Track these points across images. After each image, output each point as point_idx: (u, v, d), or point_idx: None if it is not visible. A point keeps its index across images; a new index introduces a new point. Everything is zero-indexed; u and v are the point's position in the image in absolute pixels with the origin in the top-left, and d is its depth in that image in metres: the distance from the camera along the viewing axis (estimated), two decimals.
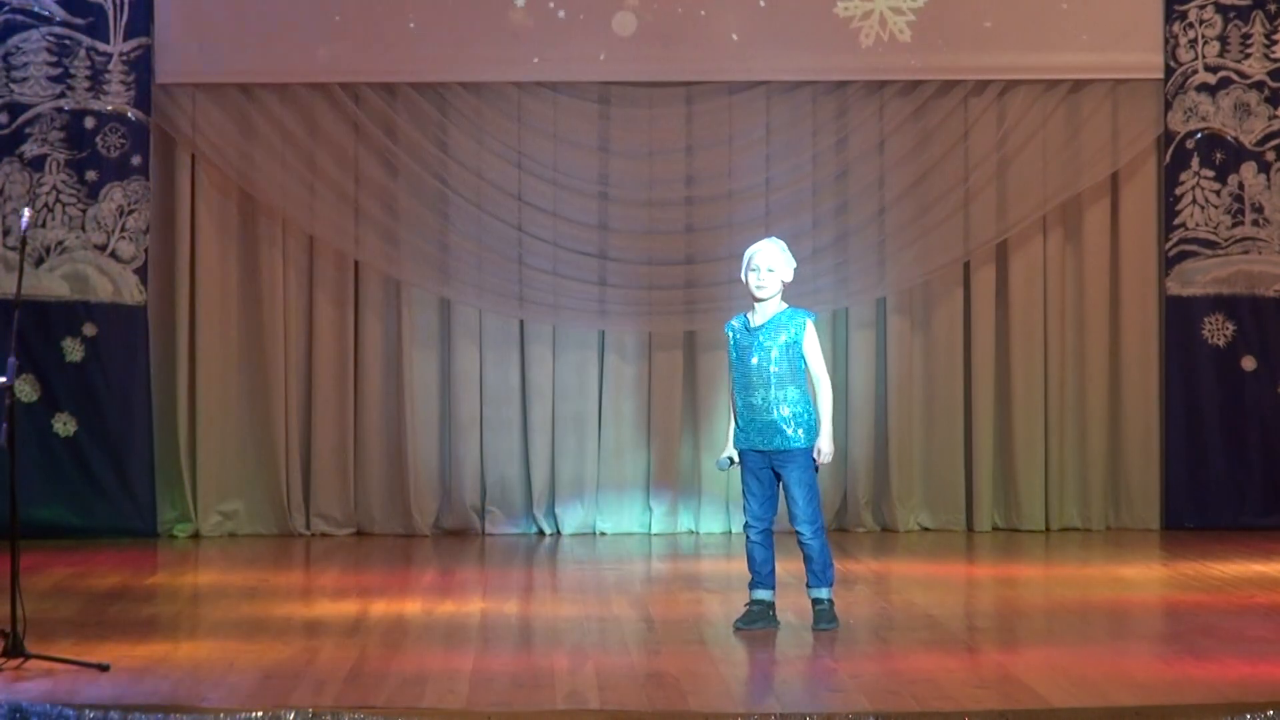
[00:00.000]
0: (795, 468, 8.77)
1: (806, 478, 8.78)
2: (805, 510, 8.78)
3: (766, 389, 8.73)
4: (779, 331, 8.76)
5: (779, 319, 8.78)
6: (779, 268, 8.75)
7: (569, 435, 12.99)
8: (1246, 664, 7.90)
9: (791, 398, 8.74)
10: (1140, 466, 13.03)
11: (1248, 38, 12.85)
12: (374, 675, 7.72)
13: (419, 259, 12.80)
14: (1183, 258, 12.87)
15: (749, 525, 8.87)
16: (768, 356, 8.73)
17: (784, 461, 8.77)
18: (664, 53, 12.69)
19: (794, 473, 8.77)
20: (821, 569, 8.83)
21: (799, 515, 8.78)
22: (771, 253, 8.76)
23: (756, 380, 8.75)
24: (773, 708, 7.12)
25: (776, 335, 8.75)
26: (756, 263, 8.75)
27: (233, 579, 10.94)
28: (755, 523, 8.84)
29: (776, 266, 8.75)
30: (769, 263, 8.74)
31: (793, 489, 8.77)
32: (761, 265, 8.74)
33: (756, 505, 8.83)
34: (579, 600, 10.05)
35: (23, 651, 7.84)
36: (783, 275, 8.77)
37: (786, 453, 8.76)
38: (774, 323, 8.77)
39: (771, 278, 8.74)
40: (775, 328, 8.76)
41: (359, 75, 12.71)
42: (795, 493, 8.77)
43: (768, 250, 8.77)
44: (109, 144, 12.50)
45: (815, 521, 8.80)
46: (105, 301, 12.51)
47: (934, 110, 12.92)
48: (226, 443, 12.80)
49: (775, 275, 8.75)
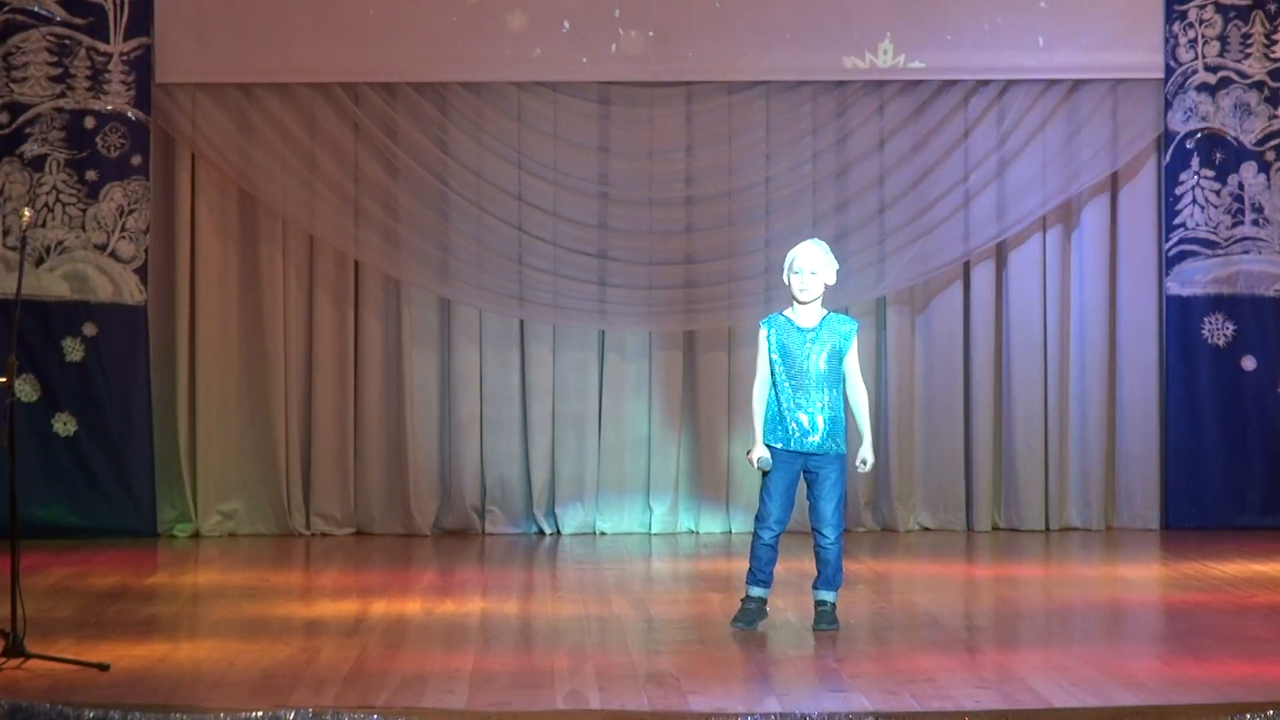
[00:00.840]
0: (830, 471, 8.77)
1: (840, 483, 8.81)
2: (834, 516, 8.78)
3: (812, 391, 8.73)
4: (828, 335, 8.76)
5: (827, 322, 8.78)
6: (822, 270, 8.74)
7: (569, 435, 12.99)
8: (1246, 664, 7.89)
9: (833, 402, 8.76)
10: (1140, 466, 13.03)
11: (1248, 38, 12.85)
12: (374, 675, 7.72)
13: (419, 259, 12.80)
14: (1183, 257, 12.87)
15: (766, 528, 8.80)
16: (817, 359, 8.74)
17: (819, 465, 8.77)
18: (664, 53, 12.69)
19: (829, 477, 8.77)
20: (834, 573, 8.84)
21: (826, 519, 8.78)
22: (815, 255, 8.74)
23: (805, 381, 8.74)
24: (773, 708, 7.11)
25: (825, 339, 8.75)
26: (799, 265, 8.73)
27: (233, 579, 10.94)
28: (775, 526, 8.80)
29: (820, 269, 8.73)
30: (812, 265, 8.72)
31: (826, 492, 8.76)
32: (805, 268, 8.72)
33: (779, 509, 8.80)
34: (579, 600, 10.05)
35: (23, 651, 7.84)
36: (826, 278, 8.75)
37: (823, 456, 8.77)
38: (823, 326, 8.77)
39: (815, 280, 8.72)
40: (823, 331, 8.76)
41: (359, 75, 12.70)
42: (828, 495, 8.76)
43: (811, 252, 8.75)
44: (109, 144, 12.51)
45: (839, 527, 8.82)
46: (105, 301, 12.51)
47: (934, 110, 12.92)
48: (226, 443, 12.80)
49: (818, 278, 8.73)
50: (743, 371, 12.94)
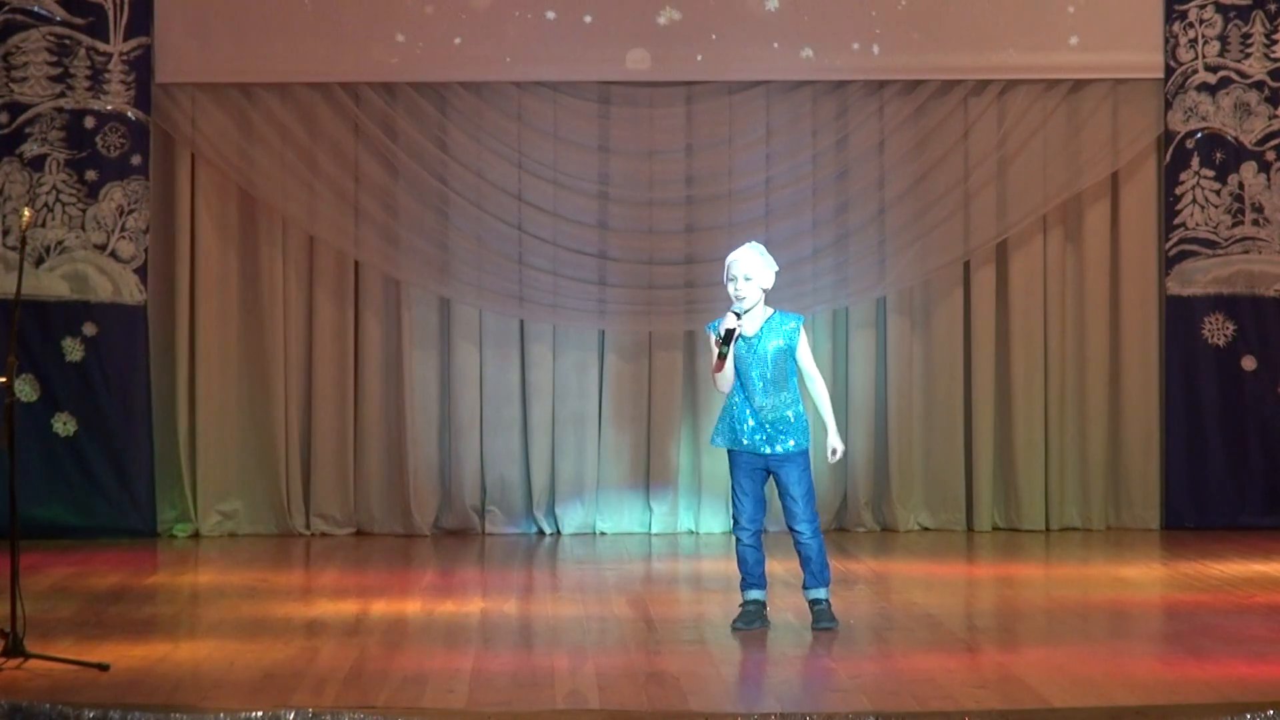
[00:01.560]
0: (793, 469, 8.76)
1: (804, 479, 8.78)
2: (804, 511, 8.77)
3: (764, 394, 8.72)
4: (772, 338, 8.73)
5: (770, 324, 8.74)
6: (757, 275, 8.65)
7: (569, 435, 12.99)
8: (1246, 664, 7.89)
9: (786, 401, 8.74)
10: (1140, 466, 13.03)
11: (1248, 37, 12.85)
12: (374, 675, 7.72)
13: (419, 259, 12.80)
14: (1183, 257, 12.87)
15: (741, 529, 8.82)
16: (763, 363, 8.71)
17: (780, 463, 8.76)
18: (664, 53, 12.69)
19: (792, 474, 8.76)
20: (819, 569, 8.83)
21: (798, 515, 8.77)
22: (750, 260, 8.65)
23: (755, 385, 8.73)
24: (772, 708, 7.11)
25: (769, 342, 8.73)
26: (734, 271, 8.66)
27: (232, 579, 10.93)
28: (749, 525, 8.82)
29: (754, 274, 8.65)
30: (746, 270, 8.63)
31: (792, 489, 8.76)
32: (739, 274, 8.64)
33: (750, 507, 8.81)
34: (579, 600, 10.05)
35: (23, 651, 7.84)
36: (762, 282, 8.67)
37: (783, 455, 8.76)
38: (765, 329, 8.73)
39: (750, 286, 8.64)
40: (767, 334, 8.73)
41: (359, 75, 12.70)
42: (794, 493, 8.76)
43: (745, 257, 8.66)
44: (109, 144, 12.51)
45: (813, 521, 8.80)
46: (105, 301, 12.51)
47: (934, 110, 12.92)
48: (226, 443, 12.80)
49: (754, 283, 8.65)
50: None
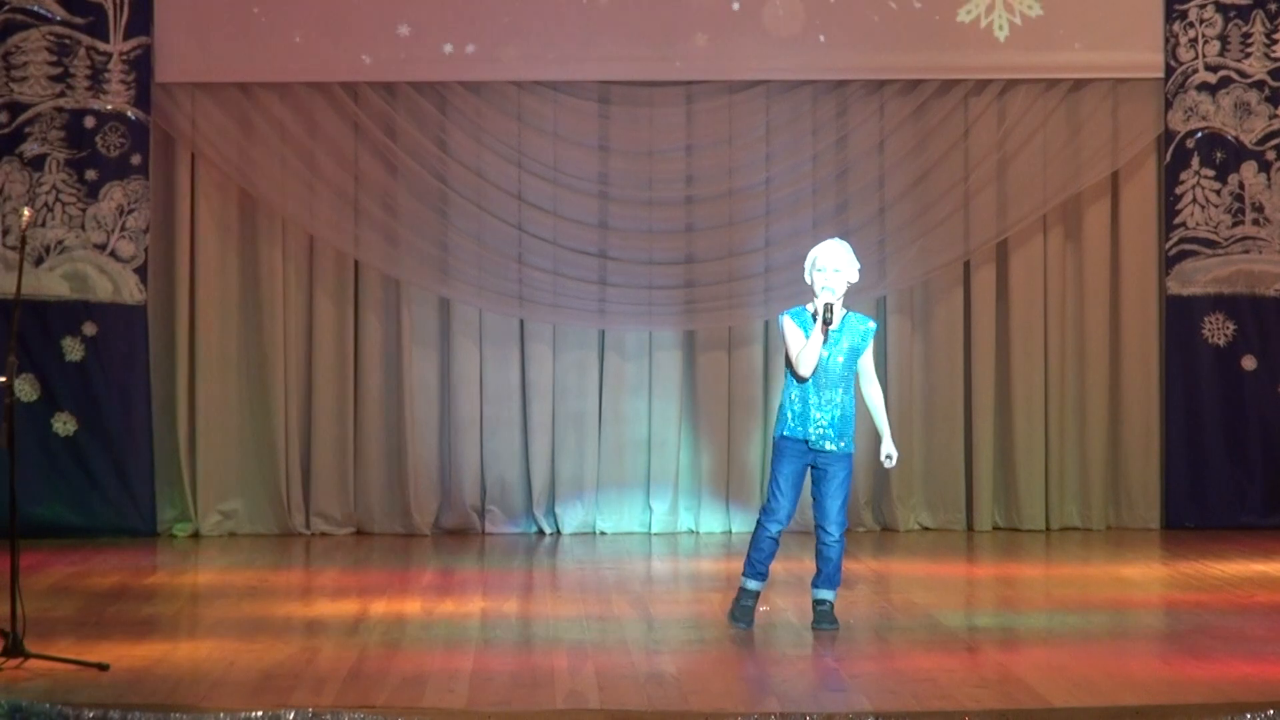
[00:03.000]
0: (840, 470, 8.80)
1: (848, 481, 8.85)
2: (839, 514, 8.81)
3: (833, 388, 8.76)
4: (848, 334, 8.79)
5: (847, 321, 8.81)
6: (845, 268, 8.75)
7: (569, 435, 12.99)
8: (1246, 664, 7.90)
9: (847, 400, 8.81)
10: (1140, 466, 13.03)
11: (1248, 37, 12.85)
12: (374, 675, 7.72)
13: (419, 259, 12.80)
14: (1183, 257, 12.87)
15: (775, 521, 8.80)
16: (836, 356, 8.76)
17: (829, 462, 8.79)
18: (664, 53, 12.69)
19: (837, 475, 8.80)
20: (834, 571, 8.86)
21: (831, 518, 8.79)
22: (838, 253, 8.76)
23: (827, 378, 8.75)
24: (773, 707, 7.11)
25: (845, 337, 8.79)
26: (823, 263, 8.75)
27: (232, 578, 10.93)
28: (783, 520, 8.82)
29: (843, 267, 8.75)
30: (835, 263, 8.74)
31: (833, 489, 8.78)
32: (828, 266, 8.73)
33: (788, 502, 8.81)
34: (579, 600, 10.05)
35: (23, 651, 7.84)
36: (849, 276, 8.77)
37: (833, 454, 8.79)
38: (844, 324, 8.80)
39: (839, 279, 8.74)
40: (844, 329, 8.79)
41: (359, 75, 12.70)
42: (835, 493, 8.79)
43: (835, 251, 8.77)
44: (109, 143, 12.51)
45: (843, 526, 8.86)
46: (105, 301, 12.51)
47: (934, 110, 12.92)
48: (226, 442, 12.80)
49: (842, 276, 8.74)
50: (743, 371, 12.95)
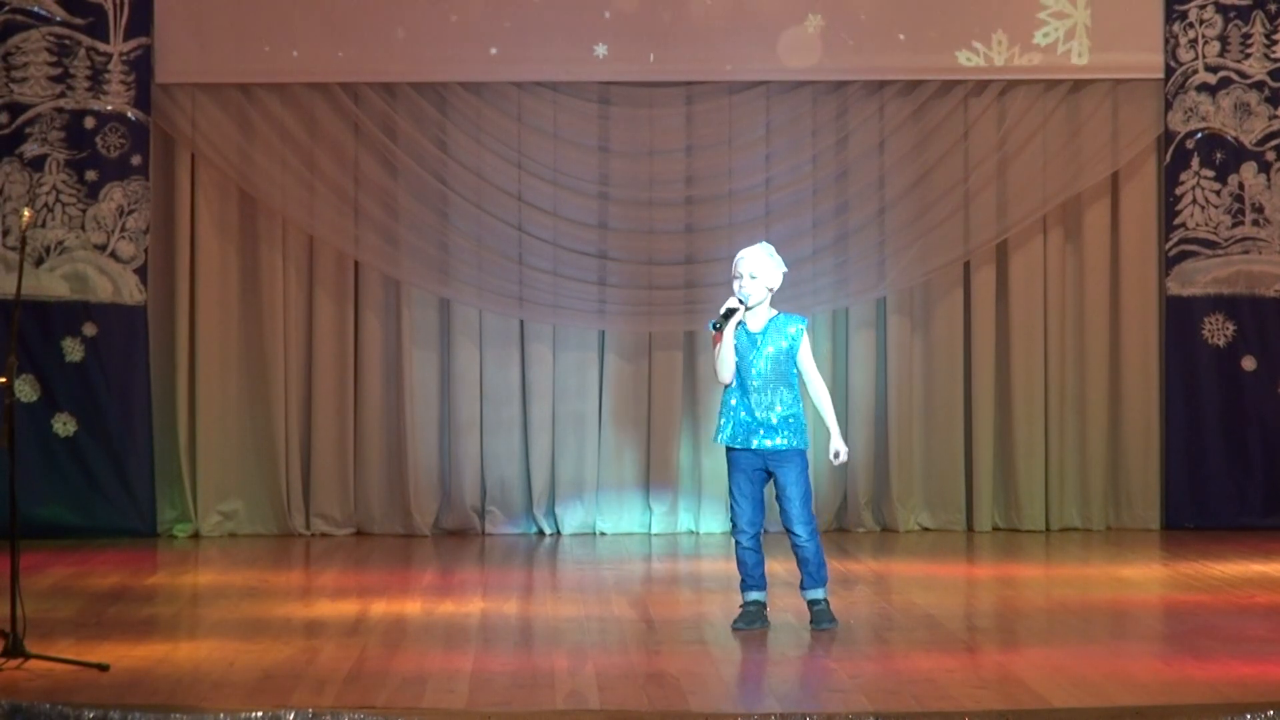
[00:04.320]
0: (790, 469, 8.78)
1: (802, 480, 8.80)
2: (801, 512, 8.79)
3: (762, 392, 8.75)
4: (775, 337, 8.77)
5: (774, 324, 8.79)
6: (763, 274, 8.72)
7: (569, 435, 12.99)
8: (1246, 664, 7.89)
9: (785, 400, 8.77)
10: (1140, 466, 13.03)
11: (1248, 38, 12.85)
12: (374, 675, 7.72)
13: (419, 259, 12.80)
14: (1183, 258, 12.87)
15: (741, 531, 8.83)
16: (764, 361, 8.75)
17: (779, 463, 8.78)
18: (664, 53, 12.69)
19: (790, 474, 8.78)
20: (816, 569, 8.84)
21: (794, 517, 8.78)
22: (757, 258, 8.73)
23: (754, 383, 8.76)
24: (772, 708, 7.11)
25: (772, 341, 8.77)
26: (740, 269, 8.74)
27: (232, 579, 10.93)
28: (748, 528, 8.82)
29: (760, 273, 8.72)
30: (752, 268, 8.72)
31: (788, 490, 8.78)
32: (745, 272, 8.72)
33: (749, 509, 8.82)
34: (579, 600, 10.05)
35: (23, 651, 7.84)
36: (768, 281, 8.74)
37: (781, 454, 8.77)
38: (769, 328, 8.78)
39: (755, 284, 8.71)
40: (770, 333, 8.77)
41: (359, 75, 12.70)
42: (791, 494, 8.77)
43: (752, 256, 8.75)
44: (109, 144, 12.51)
45: (810, 523, 8.81)
46: (105, 301, 12.51)
47: (934, 110, 12.92)
48: (226, 443, 12.80)
49: (759, 282, 8.72)
50: None
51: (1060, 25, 12.69)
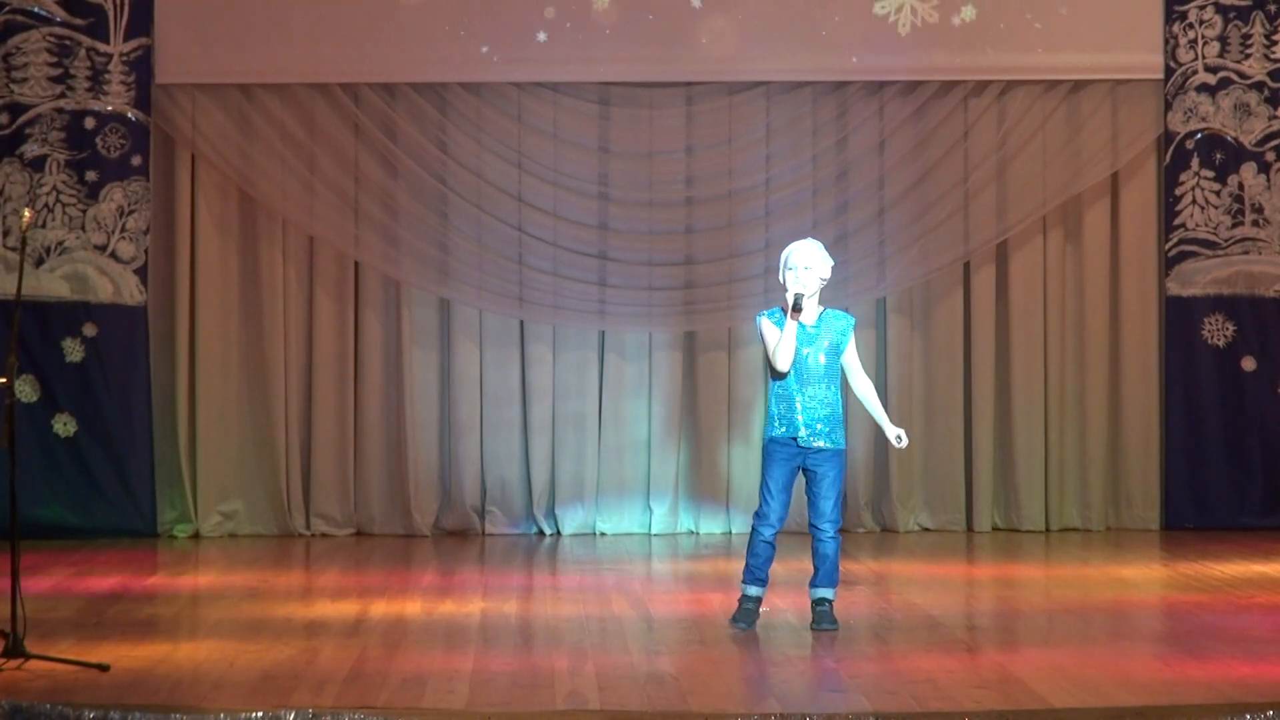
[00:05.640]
0: (831, 468, 8.82)
1: (839, 479, 8.86)
2: (833, 511, 8.82)
3: (815, 386, 8.78)
4: (826, 332, 8.83)
5: (824, 319, 8.85)
6: (816, 266, 8.80)
7: (569, 435, 12.99)
8: (1246, 664, 7.90)
9: (832, 398, 8.83)
10: (1140, 466, 13.03)
11: (1248, 38, 12.85)
12: (374, 675, 7.72)
13: (419, 259, 12.80)
14: (1183, 258, 12.87)
15: (768, 525, 8.83)
16: (817, 355, 8.79)
17: (821, 460, 8.81)
18: (664, 53, 12.69)
19: (830, 472, 8.81)
20: (831, 570, 8.87)
21: (825, 515, 8.81)
22: (810, 251, 8.81)
23: (808, 376, 8.78)
24: (773, 708, 7.11)
25: (824, 335, 8.82)
26: (794, 261, 8.80)
27: (233, 579, 10.93)
28: (776, 523, 8.84)
29: (814, 264, 8.79)
30: (806, 261, 8.78)
31: (826, 489, 8.80)
32: (799, 264, 8.78)
33: (779, 505, 8.83)
34: (579, 600, 10.05)
35: (23, 651, 7.84)
36: (821, 273, 8.81)
37: (823, 453, 8.80)
38: (821, 322, 8.84)
39: (810, 275, 8.78)
40: (821, 327, 8.83)
41: (359, 75, 12.70)
42: (828, 493, 8.80)
43: (804, 249, 8.82)
44: (109, 144, 12.51)
45: (838, 523, 8.86)
46: (105, 302, 12.51)
47: (934, 110, 12.92)
48: (226, 443, 12.80)
49: (813, 273, 8.79)
50: (743, 372, 12.95)
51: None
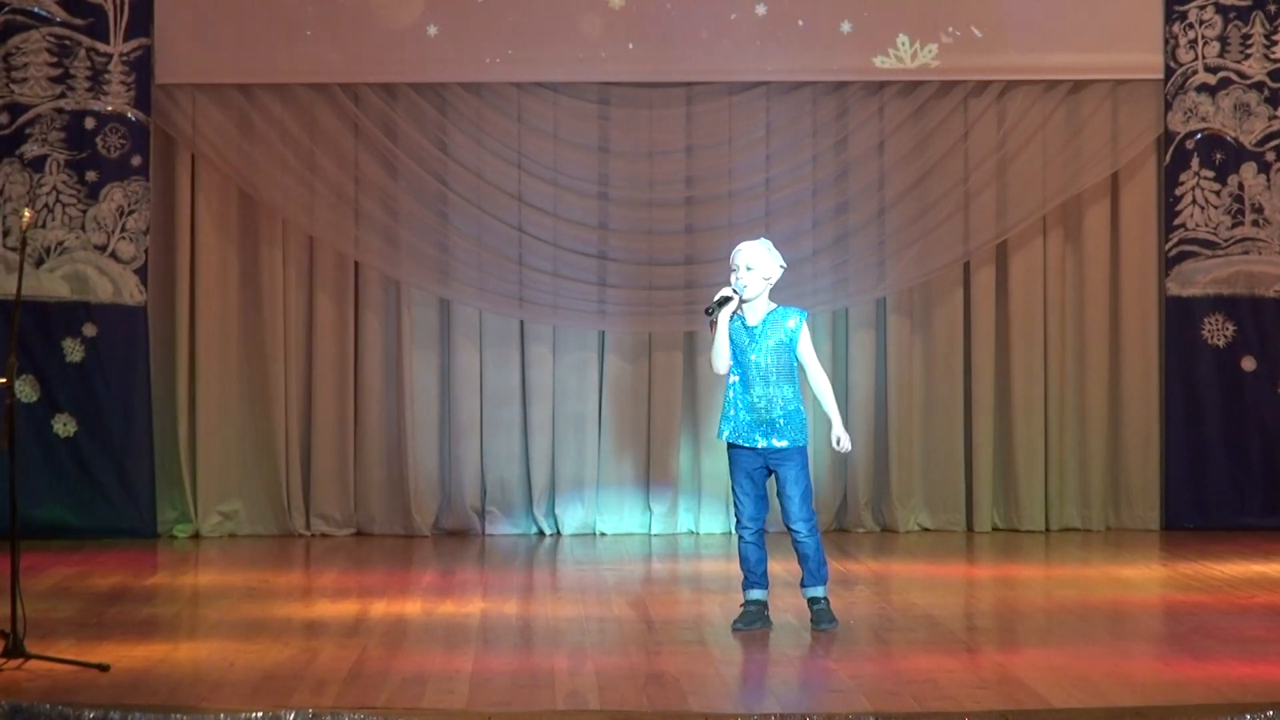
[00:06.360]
0: (792, 466, 8.79)
1: (802, 476, 8.81)
2: (801, 509, 8.80)
3: (764, 386, 8.77)
4: (773, 330, 8.79)
5: (771, 317, 8.82)
6: (759, 265, 8.75)
7: (569, 435, 12.99)
8: (1246, 664, 7.90)
9: (786, 395, 8.79)
10: (1140, 466, 13.03)
11: (1248, 38, 12.85)
12: (374, 675, 7.72)
13: (419, 259, 12.80)
14: (1183, 258, 12.87)
15: (743, 527, 8.87)
16: (763, 355, 8.76)
17: (780, 460, 8.80)
18: (664, 53, 12.69)
19: (790, 471, 8.79)
20: (816, 567, 8.85)
21: (794, 514, 8.79)
22: (753, 251, 8.77)
23: (755, 377, 8.77)
24: (772, 708, 7.12)
25: (771, 334, 8.78)
26: (737, 261, 8.78)
27: (233, 579, 10.94)
28: (750, 523, 8.85)
29: (756, 265, 8.75)
30: (748, 261, 8.74)
31: (789, 487, 8.79)
32: (741, 264, 8.75)
33: (750, 506, 8.84)
34: (579, 600, 10.05)
35: (23, 651, 7.84)
36: (765, 273, 8.76)
37: (783, 451, 8.79)
38: (767, 321, 8.80)
39: (751, 276, 8.74)
40: (768, 326, 8.80)
41: (359, 75, 12.70)
42: (791, 491, 8.79)
43: (749, 249, 8.78)
44: (109, 144, 12.51)
45: (810, 520, 8.82)
46: (105, 302, 12.51)
47: (934, 110, 12.92)
48: (226, 443, 12.80)
49: (756, 273, 8.74)
50: None
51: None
